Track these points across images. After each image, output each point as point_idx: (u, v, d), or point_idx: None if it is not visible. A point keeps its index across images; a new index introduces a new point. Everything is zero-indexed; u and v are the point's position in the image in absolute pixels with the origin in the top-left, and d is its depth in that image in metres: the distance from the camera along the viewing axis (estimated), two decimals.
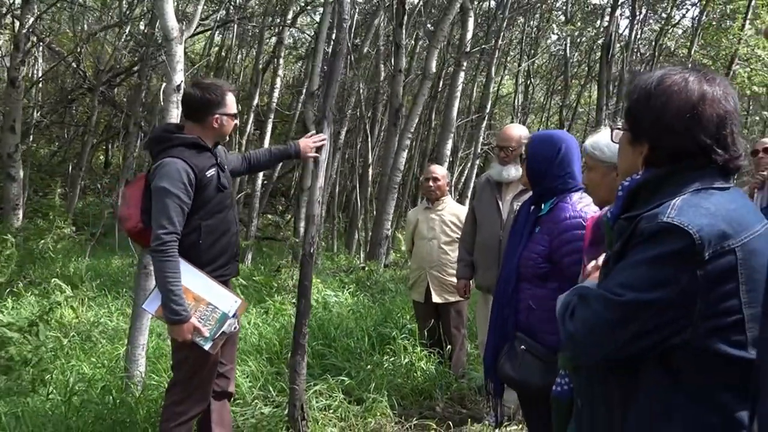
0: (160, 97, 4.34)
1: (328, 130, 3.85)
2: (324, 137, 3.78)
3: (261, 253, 13.38)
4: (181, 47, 4.17)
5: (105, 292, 7.72)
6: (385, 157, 11.20)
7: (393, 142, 10.62)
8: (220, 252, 3.26)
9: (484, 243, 4.49)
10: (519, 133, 4.44)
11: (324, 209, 3.93)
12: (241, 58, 19.66)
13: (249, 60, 19.33)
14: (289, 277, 8.43)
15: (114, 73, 15.52)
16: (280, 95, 15.23)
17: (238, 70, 19.03)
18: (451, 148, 11.75)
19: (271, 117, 13.57)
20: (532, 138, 3.07)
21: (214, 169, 3.21)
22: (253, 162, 3.74)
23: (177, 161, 3.04)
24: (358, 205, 13.53)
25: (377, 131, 14.88)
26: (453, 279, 4.96)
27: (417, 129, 13.14)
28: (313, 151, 3.76)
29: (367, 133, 13.43)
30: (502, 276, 2.99)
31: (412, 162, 15.21)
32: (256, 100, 13.73)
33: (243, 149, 13.16)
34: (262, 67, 14.77)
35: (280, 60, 14.39)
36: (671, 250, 1.44)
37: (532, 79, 19.82)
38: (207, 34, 16.80)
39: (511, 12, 13.61)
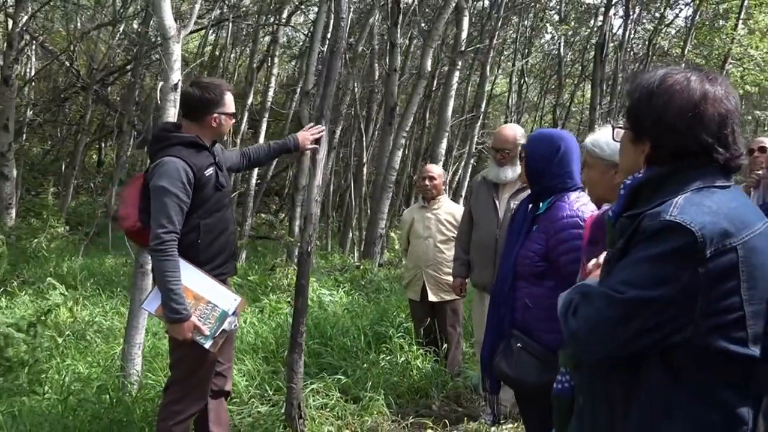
0: (154, 96, 4.33)
1: (326, 129, 3.85)
2: (322, 128, 3.78)
3: (255, 252, 13.35)
4: (178, 46, 4.16)
5: (99, 291, 7.69)
6: (380, 156, 11.19)
7: (388, 141, 10.61)
8: (219, 251, 3.26)
9: (480, 242, 4.50)
10: (515, 134, 4.42)
11: (318, 208, 3.95)
12: (235, 57, 19.61)
13: (243, 59, 19.28)
14: (284, 276, 8.41)
15: (107, 72, 15.45)
16: (274, 94, 15.19)
17: (232, 69, 18.98)
18: (446, 147, 11.75)
19: (265, 116, 13.54)
20: (531, 136, 3.06)
21: (213, 168, 3.20)
22: (252, 157, 3.74)
23: (176, 160, 3.04)
24: (353, 204, 13.51)
25: (372, 130, 14.86)
26: (449, 278, 4.97)
27: (411, 128, 13.13)
28: (311, 143, 3.75)
29: (362, 132, 13.41)
30: (499, 274, 2.99)
31: (405, 161, 15.20)
32: (250, 99, 13.70)
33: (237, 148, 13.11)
34: (257, 66, 14.73)
35: (274, 59, 14.36)
36: (673, 247, 1.45)
37: (526, 78, 19.84)
38: (201, 33, 16.75)
39: (506, 11, 13.60)
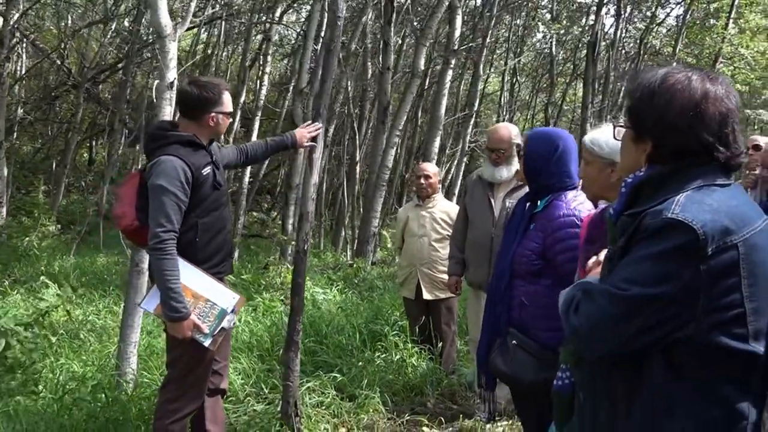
0: (146, 94, 4.33)
1: (322, 127, 3.85)
2: (319, 126, 3.79)
3: (248, 250, 13.33)
4: (174, 44, 4.15)
5: (92, 290, 7.67)
6: (373, 154, 11.19)
7: (381, 140, 10.61)
8: (216, 249, 3.26)
9: (475, 240, 4.50)
10: (510, 133, 4.40)
11: (314, 206, 3.96)
12: (227, 56, 19.55)
13: (235, 57, 19.23)
14: (277, 274, 8.41)
15: (99, 70, 15.38)
16: (266, 93, 15.17)
17: (224, 68, 18.93)
18: (439, 145, 11.76)
19: (258, 114, 13.52)
20: (530, 135, 3.06)
21: (210, 166, 3.20)
22: (249, 154, 3.74)
23: (174, 159, 3.03)
24: (345, 203, 13.51)
25: (365, 129, 14.86)
26: (443, 276, 4.97)
27: (404, 127, 13.14)
28: (309, 140, 3.75)
29: (355, 130, 13.41)
30: (496, 272, 3.00)
31: (398, 160, 15.21)
32: (242, 98, 13.67)
33: None
34: (249, 65, 14.71)
35: (267, 57, 14.33)
36: (675, 245, 1.46)
37: (518, 77, 19.88)
38: (193, 31, 16.69)
39: (498, 10, 13.64)
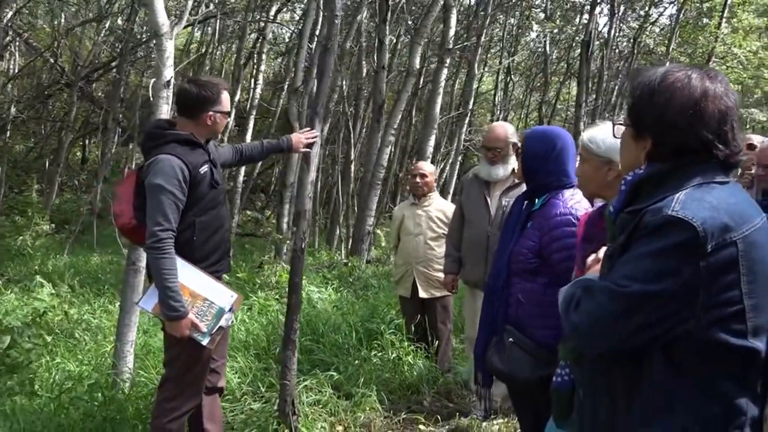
0: (140, 93, 4.31)
1: (319, 127, 3.86)
2: (316, 134, 3.79)
3: (242, 249, 13.32)
4: (171, 42, 4.14)
5: (87, 289, 7.65)
6: (368, 153, 11.18)
7: (376, 139, 10.60)
8: (214, 248, 3.26)
9: (471, 239, 4.51)
10: (506, 132, 4.42)
11: (311, 204, 3.95)
12: (221, 54, 19.51)
13: (229, 56, 19.18)
14: (272, 273, 8.41)
15: (92, 69, 15.32)
16: (261, 91, 15.15)
17: (219, 66, 18.89)
18: (433, 144, 11.77)
19: (253, 113, 13.50)
20: (528, 133, 3.06)
21: (207, 165, 3.20)
22: (245, 154, 3.75)
23: (171, 158, 3.03)
24: (340, 201, 13.50)
25: (359, 127, 14.85)
26: (439, 274, 4.98)
27: (398, 125, 13.14)
28: (304, 146, 3.76)
29: (350, 129, 13.41)
30: (493, 270, 3.01)
31: (392, 158, 15.21)
32: (237, 96, 13.64)
33: None
34: (243, 63, 14.68)
35: (262, 56, 14.30)
36: (676, 242, 1.47)
37: (512, 75, 19.91)
38: (188, 30, 16.65)
39: (492, 9, 13.65)
